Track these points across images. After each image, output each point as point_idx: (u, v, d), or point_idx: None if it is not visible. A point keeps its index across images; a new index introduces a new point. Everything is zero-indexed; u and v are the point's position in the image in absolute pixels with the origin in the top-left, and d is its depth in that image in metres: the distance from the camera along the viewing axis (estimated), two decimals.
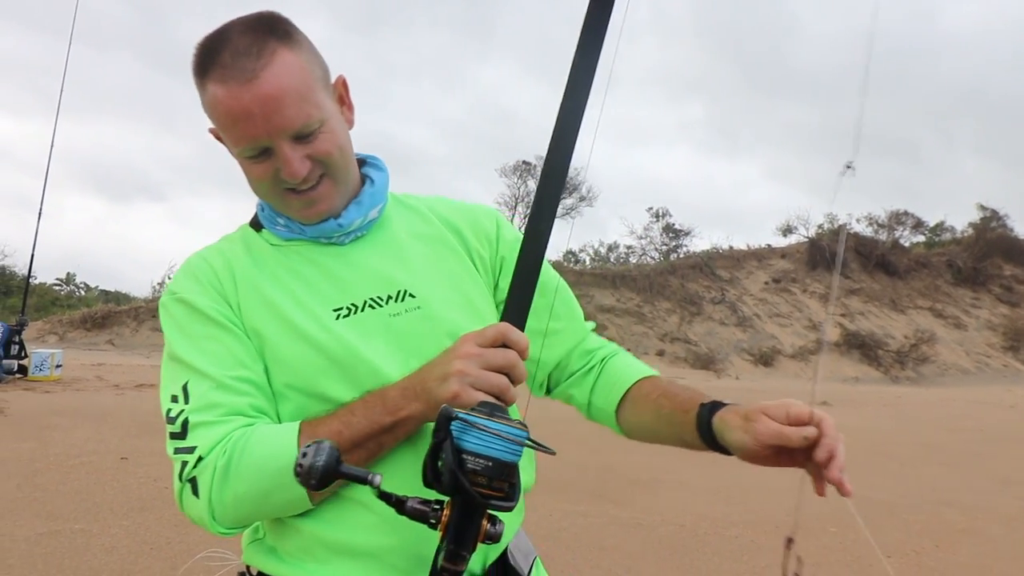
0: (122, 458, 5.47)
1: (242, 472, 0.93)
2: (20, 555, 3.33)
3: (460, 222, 1.19)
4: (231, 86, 0.96)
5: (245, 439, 0.94)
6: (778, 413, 0.90)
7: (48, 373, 10.99)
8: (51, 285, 34.46)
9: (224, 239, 1.15)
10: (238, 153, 1.01)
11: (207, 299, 1.04)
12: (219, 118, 0.99)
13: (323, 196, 1.04)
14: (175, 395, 0.99)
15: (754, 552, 4.02)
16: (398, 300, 1.07)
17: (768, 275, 29.29)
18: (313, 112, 0.99)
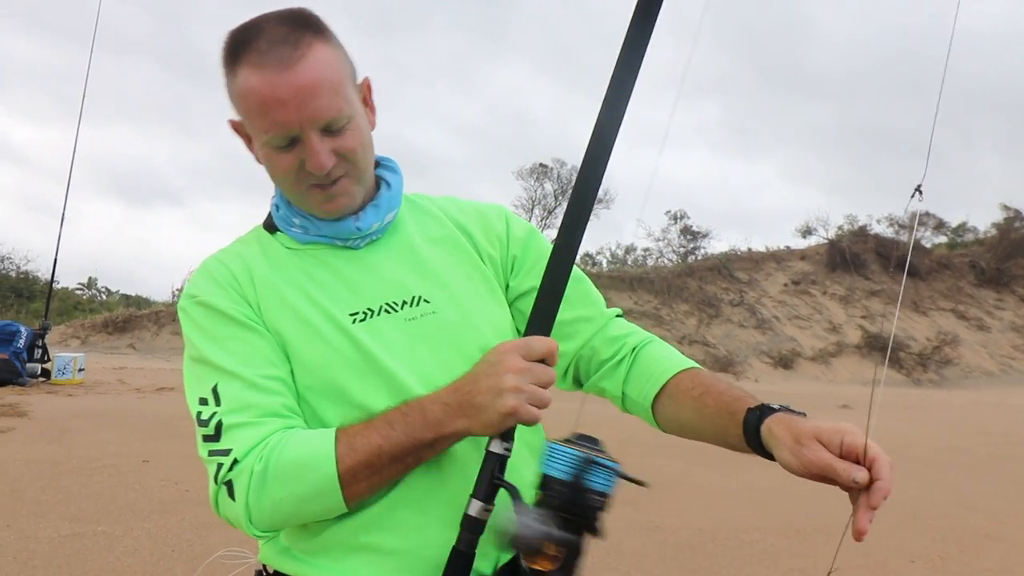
0: (144, 461, 5.52)
1: (280, 479, 0.93)
2: (44, 556, 3.37)
3: (470, 223, 1.19)
4: (267, 72, 0.96)
5: (282, 445, 0.94)
6: (832, 440, 0.86)
7: (71, 376, 11.13)
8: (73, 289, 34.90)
9: (238, 242, 1.15)
10: (265, 142, 1.01)
11: (228, 300, 1.04)
12: (250, 104, 0.99)
13: (344, 191, 1.04)
14: (204, 398, 0.99)
15: (774, 557, 3.98)
16: (413, 305, 1.07)
17: (787, 277, 29.07)
18: (343, 106, 1.00)
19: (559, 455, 0.92)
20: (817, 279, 28.94)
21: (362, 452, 0.93)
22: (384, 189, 1.13)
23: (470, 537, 0.94)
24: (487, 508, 0.93)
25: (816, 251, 30.47)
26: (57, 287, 24.91)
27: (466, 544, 0.94)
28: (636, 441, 7.07)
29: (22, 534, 3.66)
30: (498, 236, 1.19)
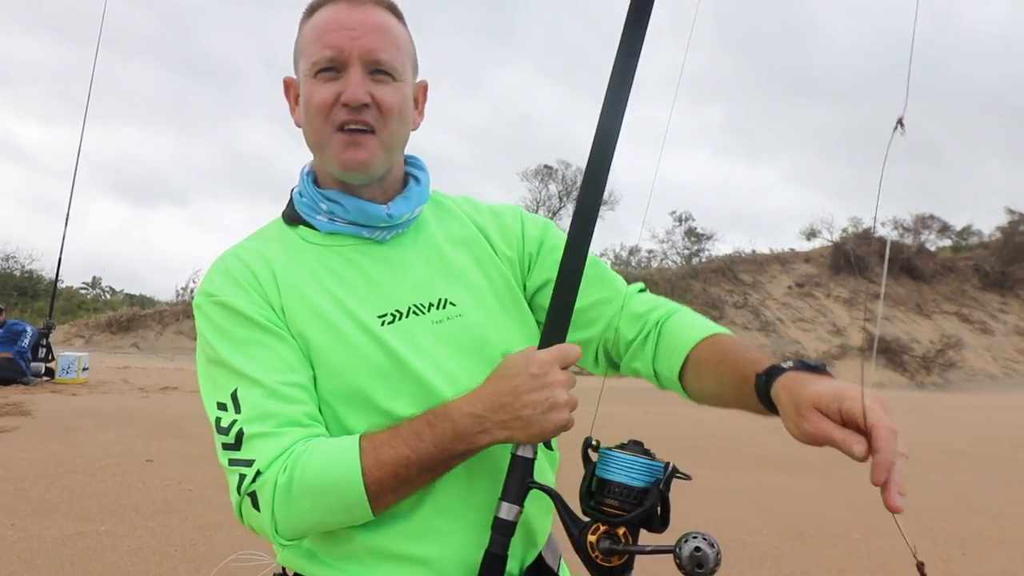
0: (147, 460, 5.54)
1: (305, 491, 0.91)
2: (48, 556, 3.38)
3: (487, 224, 1.18)
4: (341, 5, 1.03)
5: (307, 456, 0.92)
6: (829, 407, 0.83)
7: (75, 376, 11.15)
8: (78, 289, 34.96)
9: (258, 237, 1.12)
10: (311, 66, 1.03)
11: (248, 301, 1.01)
12: (314, 30, 1.03)
13: (368, 145, 1.03)
14: (223, 403, 0.96)
15: (776, 559, 3.98)
16: (440, 307, 1.06)
17: (791, 279, 29.04)
18: (397, 59, 1.04)
19: (633, 465, 0.94)
20: (821, 282, 28.90)
21: (389, 464, 0.92)
22: (413, 184, 1.13)
23: (502, 539, 0.95)
24: (519, 511, 0.95)
25: (820, 254, 30.43)
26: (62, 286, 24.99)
27: (499, 547, 0.95)
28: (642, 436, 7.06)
29: (26, 533, 3.67)
30: (515, 236, 1.18)
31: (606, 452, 0.96)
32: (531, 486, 0.97)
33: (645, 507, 0.92)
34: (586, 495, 0.96)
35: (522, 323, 1.13)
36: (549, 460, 1.11)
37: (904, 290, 28.74)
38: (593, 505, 0.95)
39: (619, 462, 0.94)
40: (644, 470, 0.94)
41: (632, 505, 0.93)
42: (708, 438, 8.41)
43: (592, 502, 0.95)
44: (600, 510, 0.94)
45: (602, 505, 0.94)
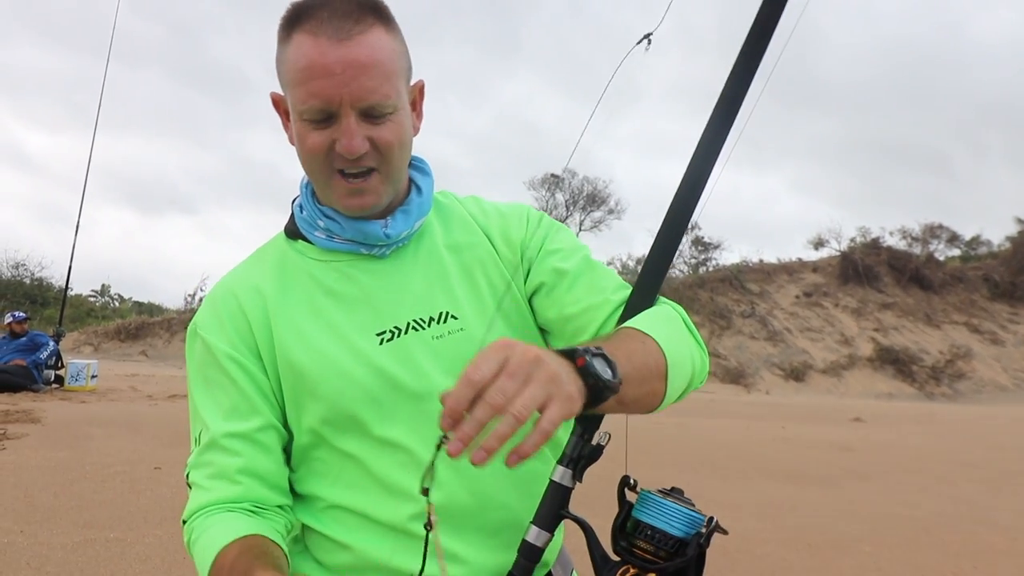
0: (156, 468, 5.55)
1: (195, 556, 0.99)
2: (57, 562, 3.39)
3: (492, 227, 1.15)
4: (321, 40, 0.92)
5: (201, 530, 0.99)
6: None
7: (84, 383, 11.20)
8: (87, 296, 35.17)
9: (256, 257, 1.11)
10: (300, 113, 0.96)
11: (224, 342, 1.04)
12: (296, 70, 0.95)
13: (371, 189, 1.00)
14: (195, 437, 1.07)
15: (785, 571, 3.96)
16: (440, 322, 1.04)
17: (799, 289, 28.97)
18: (390, 94, 0.96)
19: (675, 514, 0.92)
20: (829, 291, 28.82)
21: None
22: (415, 194, 1.09)
23: (527, 564, 0.93)
24: (547, 537, 0.93)
25: (828, 263, 30.37)
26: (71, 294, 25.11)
27: (522, 571, 0.93)
28: (647, 452, 7.05)
29: (35, 539, 3.68)
30: (519, 239, 1.14)
31: (648, 495, 0.94)
32: (564, 516, 0.94)
33: (686, 558, 0.89)
34: (619, 534, 0.94)
35: (525, 331, 1.10)
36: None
37: (913, 300, 28.63)
38: (625, 546, 0.93)
39: (661, 508, 0.92)
40: (686, 520, 0.92)
41: (668, 553, 0.90)
42: (717, 448, 8.38)
43: (624, 542, 0.93)
44: (632, 552, 0.92)
45: (634, 547, 0.92)
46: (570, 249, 1.12)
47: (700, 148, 1.04)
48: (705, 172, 1.04)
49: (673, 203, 1.06)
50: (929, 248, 31.40)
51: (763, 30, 1.04)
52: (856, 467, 7.45)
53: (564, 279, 1.09)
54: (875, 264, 29.44)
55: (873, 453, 8.74)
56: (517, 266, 1.13)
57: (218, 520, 0.98)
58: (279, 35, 0.98)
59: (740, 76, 1.04)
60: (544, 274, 1.10)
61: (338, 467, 1.03)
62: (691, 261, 32.22)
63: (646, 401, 0.95)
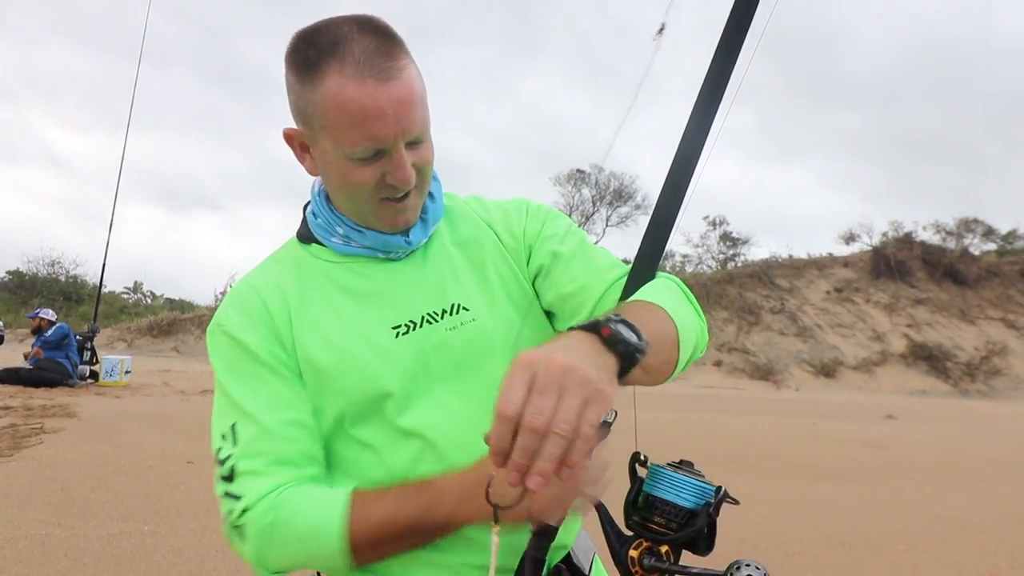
0: (188, 462, 5.63)
1: (288, 536, 0.94)
2: (94, 554, 3.45)
3: (495, 220, 1.17)
4: (368, 83, 0.92)
5: (294, 502, 0.95)
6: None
7: (118, 379, 11.40)
8: (120, 293, 35.79)
9: (273, 260, 1.12)
10: (347, 154, 0.96)
11: (255, 336, 1.03)
12: (343, 115, 0.94)
13: (412, 207, 1.04)
14: (224, 434, 1.00)
15: (818, 570, 3.92)
16: (453, 313, 1.06)
17: (830, 284, 28.61)
18: (427, 120, 1.00)
19: (684, 485, 0.93)
20: (860, 287, 28.43)
21: (374, 522, 0.94)
22: (429, 201, 1.10)
23: (541, 543, 0.95)
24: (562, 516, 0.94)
25: (860, 258, 29.95)
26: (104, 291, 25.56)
27: (538, 550, 0.95)
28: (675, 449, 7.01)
29: (73, 532, 3.76)
30: (519, 229, 1.16)
31: (657, 469, 0.95)
32: None
33: (695, 528, 0.91)
34: (631, 509, 0.96)
35: (534, 319, 1.12)
36: None
37: (947, 295, 28.14)
38: (638, 520, 0.94)
39: (670, 480, 0.94)
40: (695, 491, 0.93)
41: (679, 524, 0.92)
42: (747, 446, 8.31)
43: (637, 517, 0.95)
44: (645, 526, 0.94)
45: (648, 521, 0.94)
46: (565, 233, 1.15)
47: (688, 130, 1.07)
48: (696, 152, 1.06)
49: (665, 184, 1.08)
50: (963, 242, 30.83)
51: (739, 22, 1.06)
52: (889, 465, 7.34)
53: (560, 260, 1.11)
54: (908, 259, 28.97)
55: (906, 451, 8.61)
56: (521, 253, 1.15)
57: (309, 488, 0.98)
58: (296, 71, 0.97)
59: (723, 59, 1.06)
60: (542, 257, 1.13)
61: (355, 459, 1.04)
62: (719, 257, 31.97)
63: (664, 370, 0.95)
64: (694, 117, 1.07)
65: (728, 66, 1.06)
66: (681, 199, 1.06)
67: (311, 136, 1.00)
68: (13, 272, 33.94)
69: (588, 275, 1.11)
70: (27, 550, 3.45)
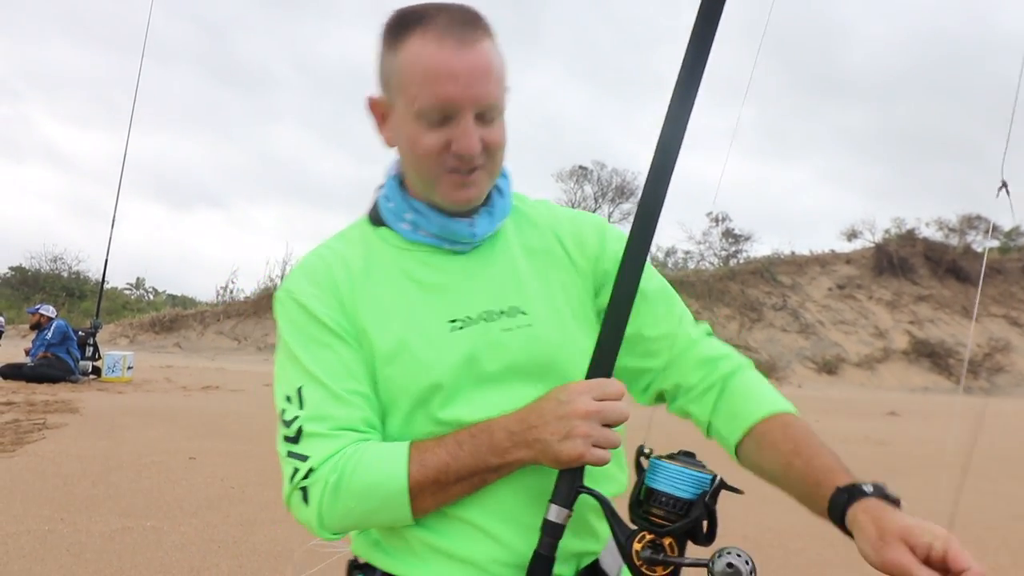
0: (190, 458, 5.64)
1: (353, 490, 0.97)
2: (96, 550, 3.46)
3: (564, 232, 1.17)
4: (446, 44, 0.97)
5: (357, 458, 0.98)
6: (919, 542, 0.83)
7: (120, 374, 11.42)
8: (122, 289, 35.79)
9: (341, 237, 1.15)
10: (416, 113, 1.00)
11: (323, 305, 1.05)
12: (416, 73, 0.98)
13: (476, 183, 1.04)
14: (289, 396, 1.02)
15: (820, 567, 3.91)
16: (510, 316, 1.08)
17: (832, 281, 28.57)
18: (502, 98, 1.03)
19: (680, 476, 0.94)
20: (863, 283, 28.38)
21: (431, 469, 0.97)
22: (497, 196, 1.12)
23: (550, 541, 0.96)
24: (568, 514, 0.96)
25: (862, 255, 29.89)
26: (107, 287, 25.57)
27: (547, 548, 0.96)
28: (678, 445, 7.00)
29: (75, 527, 3.76)
30: (592, 250, 1.16)
31: (655, 462, 0.96)
32: (580, 490, 0.97)
33: (689, 519, 0.92)
34: (635, 503, 0.97)
35: (591, 336, 1.11)
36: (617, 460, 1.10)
37: (950, 292, 28.08)
38: (641, 514, 0.95)
39: (667, 472, 0.94)
40: (691, 482, 0.93)
41: (678, 516, 0.92)
42: None
43: (640, 511, 0.95)
44: (647, 519, 0.94)
45: (649, 514, 0.94)
46: (649, 269, 1.14)
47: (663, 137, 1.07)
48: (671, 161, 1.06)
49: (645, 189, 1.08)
50: (966, 239, 30.76)
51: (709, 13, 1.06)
52: (891, 462, 7.34)
53: (643, 299, 1.11)
54: (910, 255, 28.91)
55: (908, 447, 8.61)
56: (589, 275, 1.15)
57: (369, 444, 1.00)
58: (385, 40, 1.03)
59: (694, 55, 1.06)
60: None
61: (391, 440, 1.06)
62: (721, 253, 31.94)
63: None
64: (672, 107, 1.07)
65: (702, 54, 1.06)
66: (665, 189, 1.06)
67: (389, 103, 1.05)
68: (16, 268, 33.98)
69: (671, 323, 1.16)
70: (30, 545, 3.46)
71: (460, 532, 1.02)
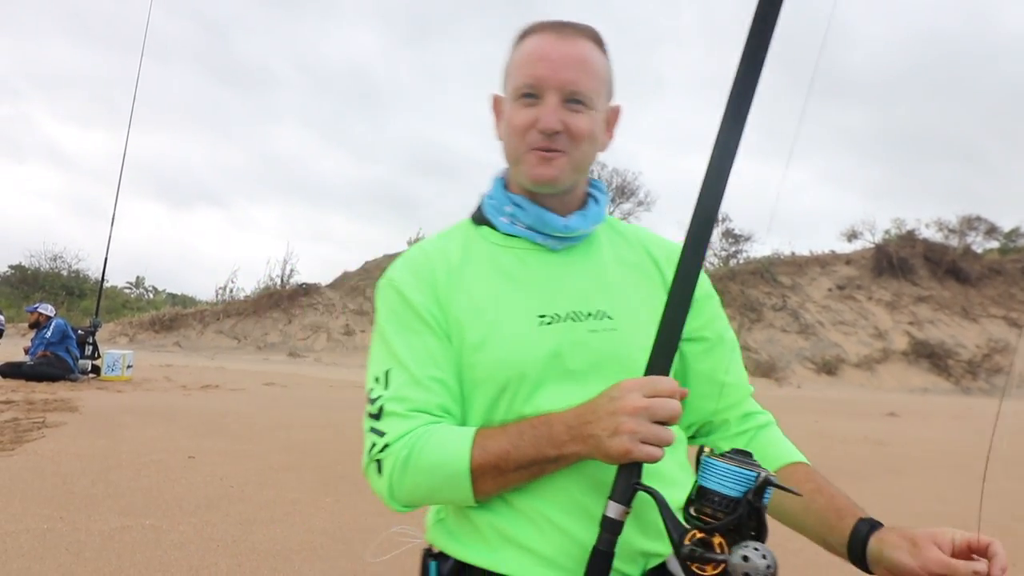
0: (190, 457, 5.63)
1: (420, 467, 1.05)
2: (95, 548, 3.46)
3: (658, 253, 1.25)
4: (548, 36, 1.13)
5: (427, 438, 1.06)
6: (943, 540, 0.96)
7: (120, 373, 11.42)
8: (122, 288, 35.77)
9: (445, 234, 1.24)
10: (514, 89, 1.13)
11: (420, 295, 1.14)
12: (520, 57, 1.14)
13: (558, 163, 1.12)
14: (378, 376, 1.12)
15: (819, 568, 3.91)
16: (597, 318, 1.14)
17: (832, 281, 28.56)
18: (593, 90, 1.13)
19: (727, 473, 0.94)
20: (863, 284, 28.37)
21: (492, 454, 1.03)
22: (592, 203, 1.22)
23: (609, 537, 0.99)
24: (625, 510, 0.99)
25: (862, 256, 29.87)
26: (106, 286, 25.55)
27: (606, 544, 0.99)
28: None
29: (74, 526, 3.76)
30: None
31: (705, 460, 0.97)
32: (636, 488, 0.99)
33: (732, 516, 0.92)
34: (688, 502, 0.98)
35: None
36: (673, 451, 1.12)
37: (949, 293, 28.08)
38: (693, 512, 0.96)
39: (714, 470, 0.95)
40: (737, 479, 0.93)
41: (724, 513, 0.93)
42: None
43: (692, 509, 0.97)
44: (699, 518, 0.95)
45: (701, 513, 0.95)
46: (725, 319, 1.27)
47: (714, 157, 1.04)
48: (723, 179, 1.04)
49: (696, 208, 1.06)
50: (966, 240, 30.72)
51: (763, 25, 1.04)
52: (890, 462, 7.34)
53: (724, 346, 1.24)
54: (910, 256, 28.90)
55: (907, 448, 8.61)
56: None
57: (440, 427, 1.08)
58: (514, 45, 1.18)
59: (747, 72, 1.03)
60: (709, 330, 1.23)
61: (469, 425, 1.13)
62: (721, 254, 31.92)
63: None
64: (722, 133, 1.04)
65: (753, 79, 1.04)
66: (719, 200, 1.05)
67: (503, 98, 1.18)
68: (16, 267, 33.95)
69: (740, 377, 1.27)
70: (29, 544, 3.46)
71: (530, 523, 1.06)
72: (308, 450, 6.25)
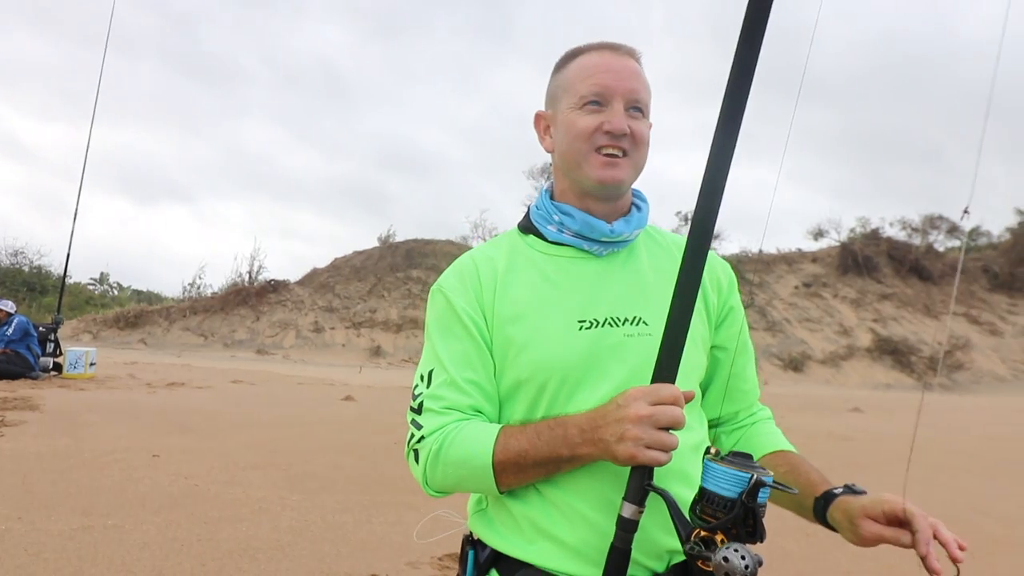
0: (154, 455, 5.54)
1: (449, 459, 1.15)
2: (55, 549, 3.39)
3: None
4: (606, 52, 1.23)
5: (456, 433, 1.16)
6: (876, 511, 1.06)
7: (82, 371, 11.20)
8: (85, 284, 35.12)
9: (494, 243, 1.33)
10: (578, 100, 1.22)
11: (464, 301, 1.23)
12: (579, 71, 1.23)
13: (622, 165, 1.21)
14: (423, 375, 1.24)
15: (783, 559, 3.97)
16: (634, 324, 1.20)
17: (798, 279, 28.95)
18: (647, 102, 1.24)
19: (723, 475, 0.97)
20: (828, 282, 28.80)
21: (512, 451, 1.12)
22: (635, 210, 1.30)
23: (625, 535, 1.05)
24: (639, 510, 1.05)
25: (828, 254, 30.33)
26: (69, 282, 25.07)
27: (622, 541, 1.05)
28: None
29: (33, 526, 3.68)
30: (720, 285, 1.33)
31: (705, 462, 1.00)
32: (648, 488, 1.04)
33: (730, 516, 0.96)
34: (694, 502, 1.02)
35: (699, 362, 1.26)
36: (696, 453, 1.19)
37: (912, 291, 28.62)
38: (697, 512, 1.00)
39: (711, 472, 0.99)
40: (732, 480, 0.97)
41: (723, 513, 0.97)
42: None
43: (697, 509, 1.01)
44: (701, 517, 0.99)
45: (704, 513, 0.99)
46: (747, 328, 1.36)
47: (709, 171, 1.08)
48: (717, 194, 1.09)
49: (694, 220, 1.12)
50: (929, 239, 31.34)
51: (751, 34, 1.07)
52: (855, 457, 7.46)
53: (746, 353, 1.37)
54: (874, 255, 29.40)
55: (871, 443, 8.76)
56: (715, 308, 1.32)
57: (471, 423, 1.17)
58: (555, 68, 1.29)
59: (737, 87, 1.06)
60: (733, 339, 1.33)
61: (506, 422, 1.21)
62: None
63: None
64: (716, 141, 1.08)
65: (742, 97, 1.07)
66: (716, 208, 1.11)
67: (553, 115, 1.28)
68: None
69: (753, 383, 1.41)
70: None
71: (562, 515, 1.14)
72: (275, 448, 6.18)
